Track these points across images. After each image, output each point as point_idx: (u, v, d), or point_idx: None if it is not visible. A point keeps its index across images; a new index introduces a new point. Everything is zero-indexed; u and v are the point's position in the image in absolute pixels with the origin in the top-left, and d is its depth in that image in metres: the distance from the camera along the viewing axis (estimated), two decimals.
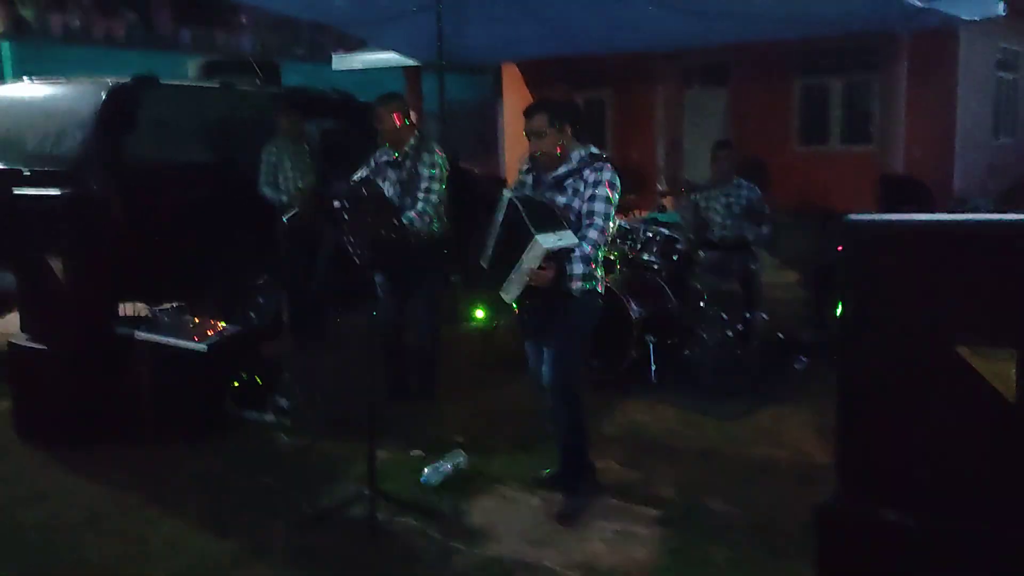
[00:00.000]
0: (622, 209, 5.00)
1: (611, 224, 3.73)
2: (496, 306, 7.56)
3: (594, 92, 13.12)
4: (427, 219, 4.88)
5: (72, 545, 3.61)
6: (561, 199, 3.76)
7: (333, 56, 13.65)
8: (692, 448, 4.62)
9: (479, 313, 7.59)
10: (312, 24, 15.93)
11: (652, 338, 5.71)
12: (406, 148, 5.01)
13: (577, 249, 3.62)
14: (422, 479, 4.18)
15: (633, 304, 5.61)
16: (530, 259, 3.50)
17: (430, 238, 4.93)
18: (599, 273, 3.86)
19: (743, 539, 3.61)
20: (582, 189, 3.73)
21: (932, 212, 8.36)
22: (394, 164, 5.01)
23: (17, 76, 11.65)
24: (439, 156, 5.04)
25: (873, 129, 10.91)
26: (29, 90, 6.72)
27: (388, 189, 4.97)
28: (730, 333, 5.94)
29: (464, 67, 13.19)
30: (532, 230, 3.47)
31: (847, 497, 2.50)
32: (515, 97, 14.05)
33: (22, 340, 4.86)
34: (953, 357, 2.32)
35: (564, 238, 3.55)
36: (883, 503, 2.42)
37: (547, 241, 3.47)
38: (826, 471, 4.20)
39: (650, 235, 6.20)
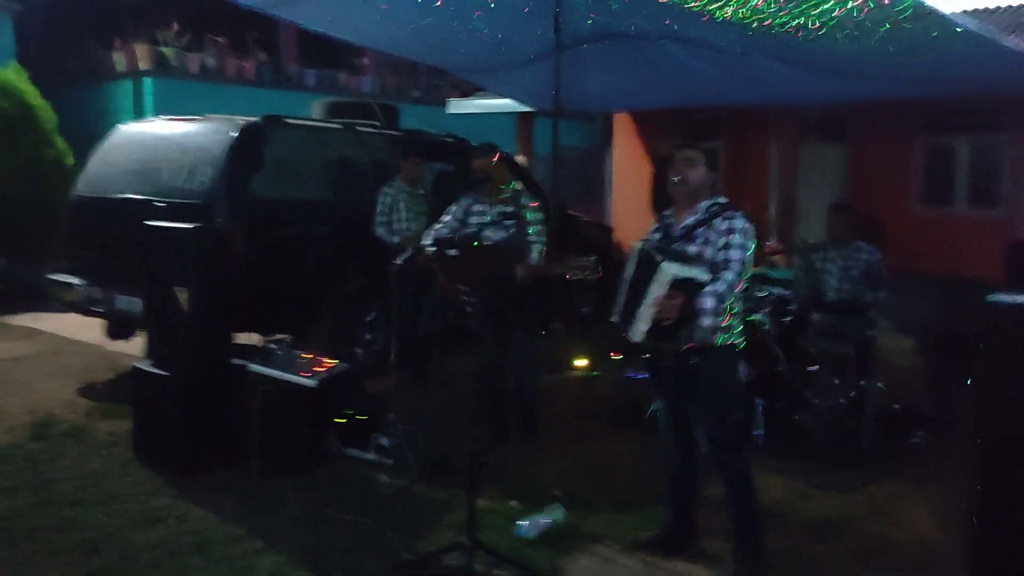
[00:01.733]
0: None
1: (746, 273, 3.62)
2: (598, 356, 7.52)
3: (707, 143, 12.99)
4: (537, 260, 4.95)
5: (182, 570, 3.73)
6: (692, 249, 3.70)
7: (448, 100, 13.98)
8: (802, 521, 4.42)
9: (580, 362, 7.55)
10: (430, 68, 16.39)
11: (760, 400, 5.55)
12: (508, 194, 5.09)
13: (709, 285, 3.53)
14: (519, 532, 4.14)
15: (742, 363, 5.46)
16: (656, 287, 3.47)
17: (527, 283, 4.96)
18: (737, 326, 3.76)
19: None
20: (712, 238, 3.66)
21: None
22: (486, 211, 5.09)
23: (158, 110, 12.41)
24: (538, 203, 5.15)
25: (1001, 193, 10.41)
26: (165, 127, 7.12)
27: (492, 236, 5.03)
28: (843, 400, 5.72)
29: (575, 114, 13.29)
30: (659, 259, 3.49)
31: None
32: (625, 145, 14.05)
33: (146, 365, 5.09)
34: None
35: (694, 271, 3.52)
36: None
37: (673, 268, 3.46)
38: (945, 556, 4.00)
39: (761, 294, 6.06)
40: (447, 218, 5.16)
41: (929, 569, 3.90)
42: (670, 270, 3.45)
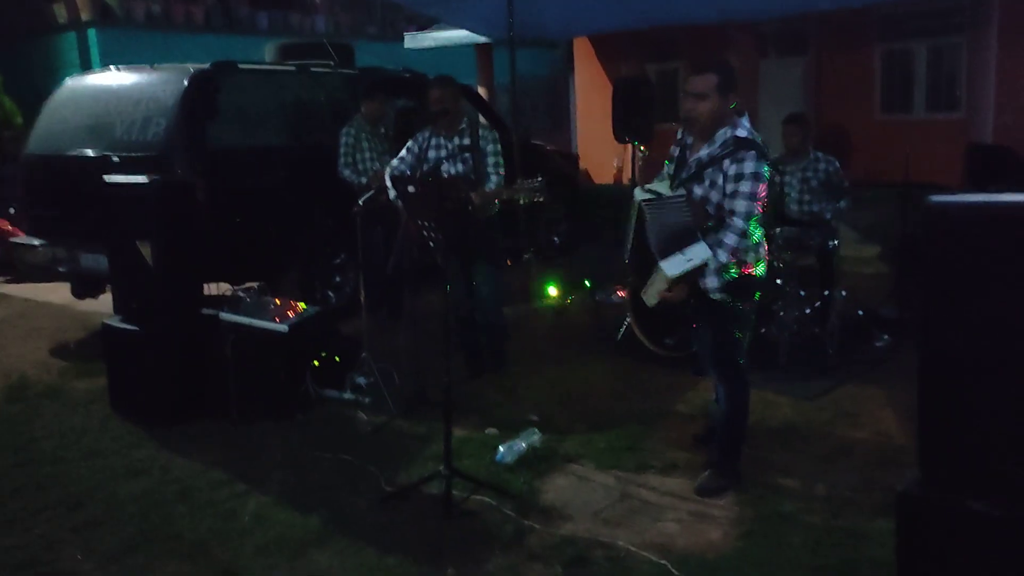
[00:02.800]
0: None
1: (755, 216, 3.53)
2: (570, 284, 7.60)
3: (667, 64, 12.91)
4: (496, 193, 4.94)
5: (166, 519, 3.79)
6: (698, 191, 3.64)
7: (405, 35, 13.74)
8: (769, 428, 4.56)
9: (552, 291, 7.63)
10: (384, 3, 16.04)
11: None
12: (463, 127, 5.07)
13: (712, 261, 3.52)
14: (497, 457, 4.24)
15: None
16: (658, 283, 3.57)
17: (489, 216, 4.98)
18: (749, 257, 3.67)
19: (820, 522, 3.57)
20: (720, 181, 3.56)
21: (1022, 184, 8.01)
22: (444, 145, 5.06)
23: (105, 62, 12.09)
24: (497, 134, 5.13)
25: (960, 95, 10.47)
26: (115, 78, 6.96)
27: (450, 169, 5.02)
28: (808, 311, 5.84)
29: (535, 43, 13.10)
30: (657, 257, 3.48)
31: (929, 485, 2.45)
32: (586, 71, 13.93)
33: (115, 321, 5.09)
34: None
35: (694, 257, 3.47)
36: (967, 492, 2.37)
37: (672, 268, 3.46)
38: (908, 454, 4.12)
39: None
40: (405, 154, 5.14)
41: (890, 466, 4.04)
42: (669, 272, 3.46)
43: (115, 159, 6.24)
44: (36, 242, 6.82)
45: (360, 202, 5.10)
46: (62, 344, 6.74)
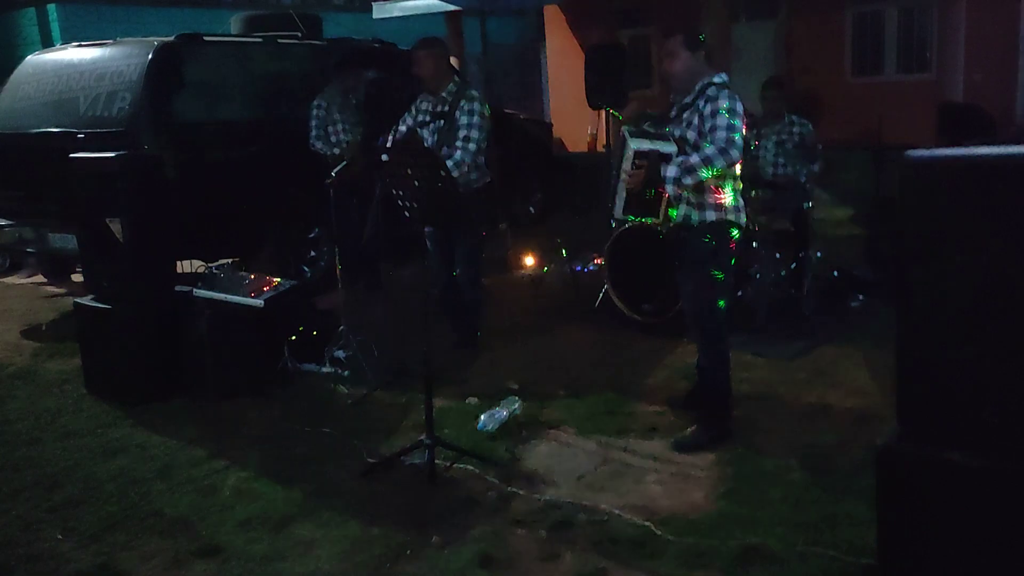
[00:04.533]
0: None
1: (731, 150, 3.59)
2: (546, 254, 7.58)
3: (639, 30, 12.83)
4: (464, 168, 4.85)
5: (145, 496, 3.76)
6: (676, 131, 3.82)
7: (373, 4, 13.51)
8: (748, 390, 4.59)
9: (529, 260, 7.61)
10: None
11: None
12: (444, 94, 4.98)
13: (680, 157, 3.66)
14: (479, 426, 4.24)
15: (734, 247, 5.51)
16: (625, 162, 3.78)
17: (468, 188, 4.90)
18: (726, 202, 3.81)
19: (800, 479, 3.61)
20: (695, 121, 3.73)
21: (995, 141, 8.08)
22: (433, 111, 4.98)
23: (67, 38, 11.83)
24: (479, 103, 4.98)
25: (931, 56, 10.50)
26: (77, 53, 6.80)
27: (427, 138, 4.95)
28: (784, 272, 5.87)
29: (506, 10, 12.97)
30: (627, 136, 3.78)
31: (908, 438, 2.48)
32: (558, 39, 13.83)
33: (87, 300, 5.01)
34: (1019, 294, 2.26)
35: (661, 146, 3.72)
36: (945, 444, 2.39)
37: (638, 144, 3.75)
38: (884, 411, 4.19)
39: None
40: (407, 118, 5.03)
41: (868, 423, 4.09)
42: (632, 144, 3.70)
43: (80, 135, 6.11)
44: (2, 222, 6.68)
45: (333, 173, 5.03)
46: (33, 325, 6.64)
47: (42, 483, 3.92)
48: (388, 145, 4.62)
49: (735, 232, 3.88)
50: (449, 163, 4.71)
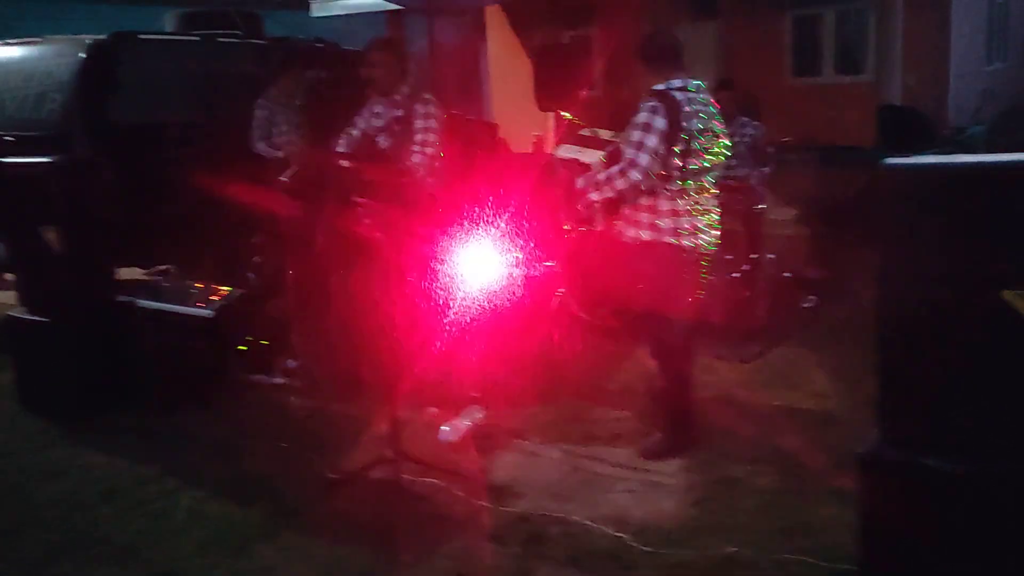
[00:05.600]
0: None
1: (634, 169, 3.52)
2: None
3: (581, 31, 12.84)
4: (420, 173, 4.71)
5: (91, 522, 3.55)
6: (621, 144, 3.80)
7: (312, 3, 13.26)
8: (709, 394, 4.56)
9: None
10: None
11: None
12: (398, 97, 4.84)
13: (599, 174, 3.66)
14: (440, 437, 4.13)
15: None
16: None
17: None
18: (663, 223, 3.67)
19: (769, 485, 3.59)
20: (628, 131, 3.66)
21: (933, 144, 8.28)
22: (386, 114, 4.84)
23: None
24: (434, 106, 4.86)
25: (867, 59, 10.73)
26: (3, 52, 6.46)
27: (382, 142, 4.81)
28: (736, 274, 5.89)
29: (450, 10, 12.84)
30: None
31: (887, 444, 2.46)
32: (500, 40, 13.73)
33: (21, 312, 4.74)
34: (996, 300, 2.26)
35: (585, 156, 3.77)
36: (924, 449, 2.38)
37: (562, 151, 3.77)
38: (846, 413, 4.22)
39: None
40: (358, 124, 4.87)
41: (831, 426, 4.11)
42: (559, 151, 3.74)
43: (7, 138, 5.80)
44: None
45: (284, 178, 4.86)
46: None
47: None
48: (343, 150, 4.46)
49: (677, 254, 3.72)
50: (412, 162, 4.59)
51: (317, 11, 12.87)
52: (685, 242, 3.72)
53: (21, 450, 4.28)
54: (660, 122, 3.51)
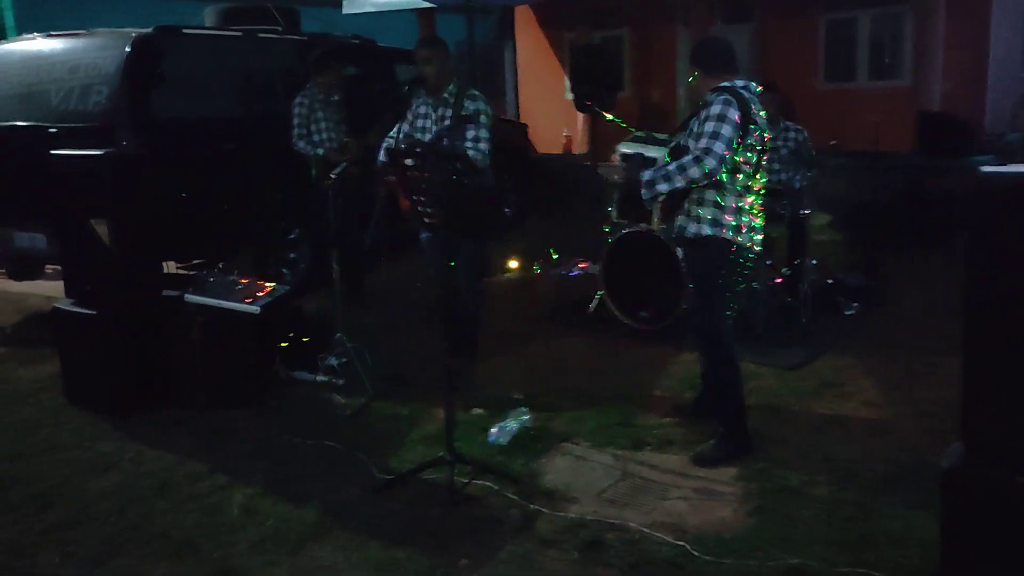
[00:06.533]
0: None
1: (711, 156, 3.50)
2: (528, 257, 7.46)
3: (612, 32, 12.79)
4: (478, 168, 4.70)
5: (146, 516, 3.55)
6: (683, 140, 3.84)
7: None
8: (756, 401, 4.51)
9: (513, 264, 7.50)
10: None
11: None
12: (446, 95, 4.82)
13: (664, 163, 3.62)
14: (489, 439, 4.11)
15: (681, 252, 5.45)
16: (618, 165, 3.71)
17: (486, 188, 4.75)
18: (727, 219, 3.70)
19: (827, 495, 3.54)
20: (696, 127, 3.70)
21: (970, 149, 8.20)
22: (434, 111, 4.82)
23: (19, 27, 11.34)
24: (484, 102, 4.85)
25: (904, 64, 10.63)
26: (46, 44, 6.48)
27: (426, 139, 4.80)
28: (779, 280, 5.85)
29: (482, 8, 12.79)
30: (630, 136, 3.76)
31: (975, 460, 2.42)
32: (528, 39, 13.73)
33: (67, 305, 4.75)
34: None
35: (648, 150, 3.75)
36: (1017, 467, 2.34)
37: (624, 146, 3.66)
38: (900, 424, 4.18)
39: None
40: (403, 124, 4.85)
41: (884, 436, 4.06)
42: (620, 147, 3.64)
43: (52, 130, 5.81)
44: None
45: (332, 175, 4.85)
46: None
47: (31, 502, 3.68)
48: (397, 147, 4.44)
49: (734, 251, 3.75)
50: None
51: (349, 8, 12.83)
52: (740, 239, 3.77)
53: (70, 443, 4.28)
54: (734, 114, 3.56)
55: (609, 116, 7.07)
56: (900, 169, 8.23)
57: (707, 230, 3.73)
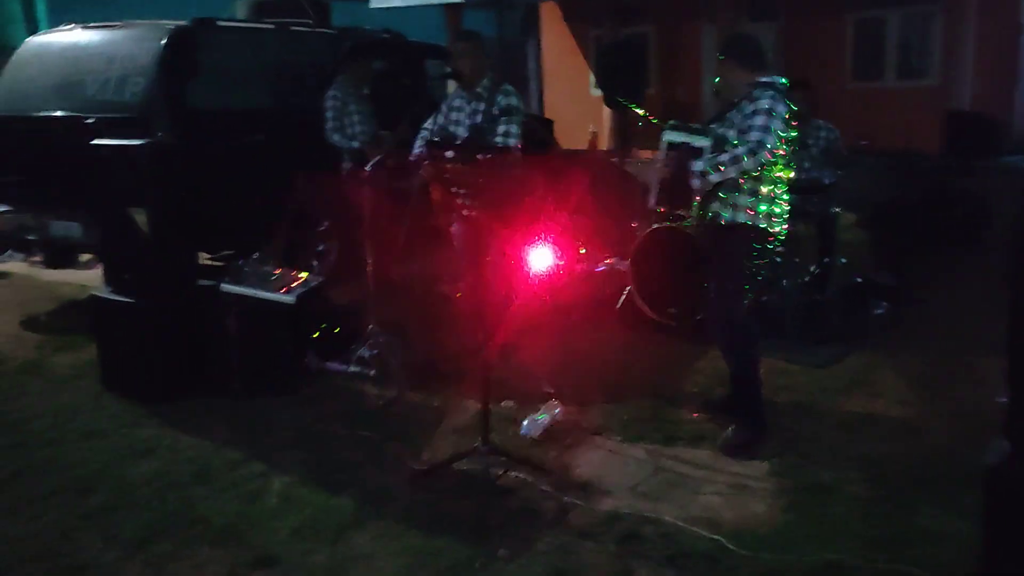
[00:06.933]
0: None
1: (760, 152, 3.62)
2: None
3: (638, 28, 12.77)
4: (509, 163, 4.72)
5: (186, 502, 3.60)
6: (720, 129, 3.87)
7: None
8: (787, 398, 4.53)
9: None
10: None
11: None
12: (479, 89, 4.85)
13: (713, 153, 3.69)
14: (522, 431, 4.14)
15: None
16: (659, 154, 3.82)
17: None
18: (761, 207, 3.81)
19: (861, 493, 3.55)
20: (738, 120, 3.78)
21: (1000, 150, 8.13)
22: (467, 105, 4.84)
23: (51, 17, 11.44)
24: (516, 97, 4.87)
25: (932, 63, 10.55)
26: (83, 36, 6.55)
27: (462, 134, 4.83)
28: (807, 278, 5.84)
29: (508, 4, 12.82)
30: (663, 127, 3.79)
31: (1020, 458, 2.42)
32: (554, 35, 13.72)
33: (105, 293, 4.81)
34: None
35: (694, 140, 3.76)
36: None
37: (671, 135, 3.75)
38: (932, 423, 4.18)
39: None
40: (438, 116, 4.89)
41: (917, 435, 4.06)
42: (665, 136, 3.74)
43: (88, 120, 5.87)
44: (1, 208, 6.42)
45: (368, 167, 4.88)
46: (32, 316, 6.39)
47: (72, 487, 3.74)
48: (434, 140, 4.47)
49: (764, 238, 3.86)
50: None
51: (377, 2, 12.90)
52: (771, 227, 3.87)
53: (108, 429, 4.34)
54: (783, 109, 3.70)
55: (640, 111, 7.10)
56: (929, 169, 8.19)
57: (741, 217, 3.83)
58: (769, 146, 3.62)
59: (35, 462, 4.02)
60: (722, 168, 3.67)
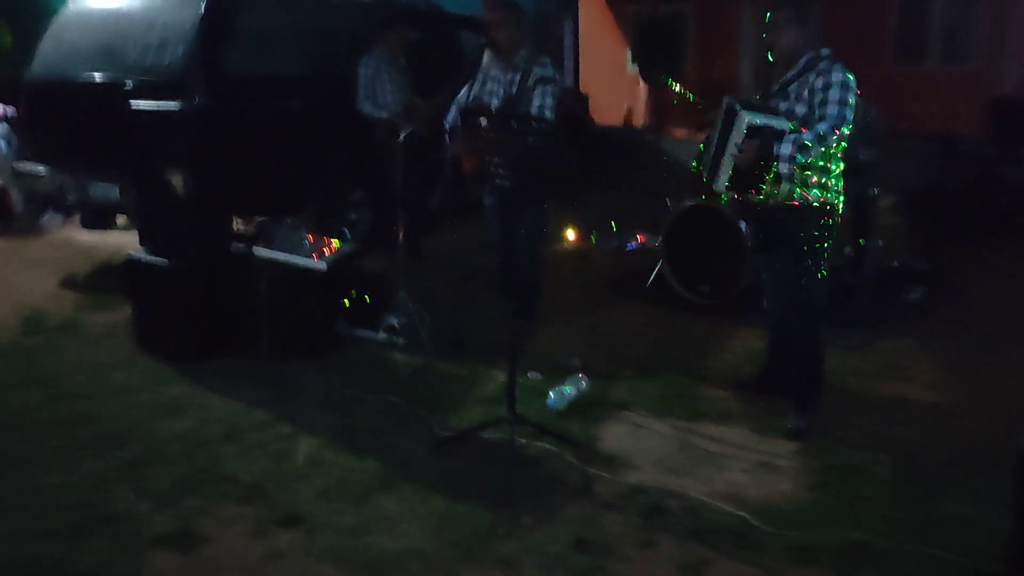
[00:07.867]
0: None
1: (842, 128, 3.52)
2: (586, 228, 7.45)
3: (675, 5, 12.59)
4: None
5: (215, 459, 3.65)
6: (782, 105, 3.68)
7: None
8: None
9: (570, 234, 7.50)
10: None
11: None
12: (516, 60, 4.80)
13: (793, 134, 3.50)
14: (548, 403, 4.14)
15: (744, 227, 5.42)
16: (736, 135, 3.54)
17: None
18: (832, 183, 3.72)
19: (890, 475, 3.52)
20: (805, 95, 3.62)
21: None
22: (503, 76, 4.80)
23: None
24: (553, 69, 4.82)
25: (976, 46, 10.31)
26: (124, 1, 6.59)
27: (494, 103, 4.79)
28: (841, 260, 5.76)
29: None
30: (738, 108, 3.55)
31: None
32: (591, 11, 13.55)
33: (141, 254, 4.87)
34: None
35: (772, 119, 3.54)
36: None
37: (752, 116, 3.50)
38: (964, 409, 4.12)
39: None
40: (474, 83, 4.86)
41: (946, 420, 4.02)
42: (746, 117, 3.51)
43: (127, 84, 5.93)
44: (43, 170, 6.51)
45: (401, 138, 4.88)
46: (70, 276, 6.50)
47: (105, 440, 3.81)
48: (467, 109, 4.44)
49: (835, 215, 3.78)
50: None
51: None
52: (839, 204, 3.79)
53: (140, 386, 4.41)
54: (853, 83, 3.60)
55: (678, 87, 7.02)
56: (971, 155, 8.03)
57: (819, 196, 3.70)
58: (849, 121, 3.52)
59: (72, 415, 4.09)
60: (807, 149, 3.52)
